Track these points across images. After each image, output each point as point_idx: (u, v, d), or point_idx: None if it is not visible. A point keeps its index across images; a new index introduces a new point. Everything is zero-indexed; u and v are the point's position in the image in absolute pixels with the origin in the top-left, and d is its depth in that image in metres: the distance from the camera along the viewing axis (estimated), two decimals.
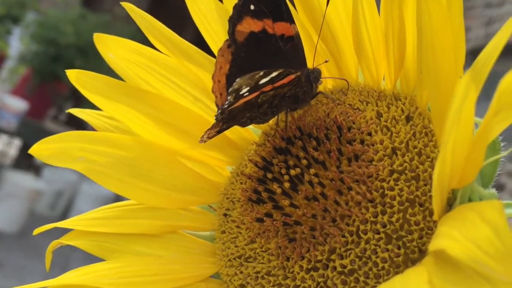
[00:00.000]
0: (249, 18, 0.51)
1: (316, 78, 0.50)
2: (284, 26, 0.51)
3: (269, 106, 0.50)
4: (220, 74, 0.52)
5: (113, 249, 0.51)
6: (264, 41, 0.52)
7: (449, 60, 0.39)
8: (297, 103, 0.51)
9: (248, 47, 0.52)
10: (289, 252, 0.46)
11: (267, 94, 0.47)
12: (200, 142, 0.51)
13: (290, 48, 0.51)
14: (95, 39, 0.55)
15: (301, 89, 0.49)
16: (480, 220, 0.31)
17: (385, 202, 0.43)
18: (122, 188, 0.52)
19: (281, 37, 0.51)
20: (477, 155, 0.36)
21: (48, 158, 0.51)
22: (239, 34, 0.52)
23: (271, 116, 0.52)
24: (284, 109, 0.52)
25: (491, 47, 0.35)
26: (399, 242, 0.42)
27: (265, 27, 0.51)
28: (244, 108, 0.48)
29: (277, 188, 0.48)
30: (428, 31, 0.38)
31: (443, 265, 0.33)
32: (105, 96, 0.53)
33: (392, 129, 0.46)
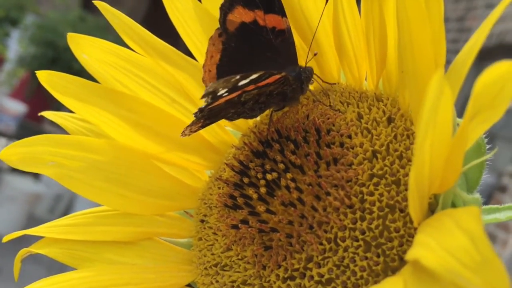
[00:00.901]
0: (240, 7, 0.50)
1: (307, 77, 0.48)
2: (275, 19, 0.49)
3: (255, 102, 0.48)
4: (210, 63, 0.51)
5: (84, 257, 0.49)
6: (255, 32, 0.50)
7: (428, 60, 0.37)
8: (286, 100, 0.49)
9: (239, 37, 0.50)
10: (265, 260, 0.44)
11: (251, 93, 0.45)
12: (181, 136, 0.49)
13: (281, 42, 0.49)
14: (69, 39, 0.53)
15: (289, 87, 0.48)
16: (457, 228, 0.29)
17: (364, 207, 0.41)
18: (95, 193, 0.50)
19: (272, 30, 0.49)
20: (456, 160, 0.34)
21: (18, 163, 0.49)
22: (230, 23, 0.50)
23: (259, 112, 0.50)
24: (272, 106, 0.50)
25: (468, 48, 0.34)
26: (378, 249, 0.40)
27: (257, 18, 0.50)
28: (226, 106, 0.46)
29: (253, 193, 0.46)
30: (406, 30, 0.36)
31: (420, 276, 0.31)
32: (78, 98, 0.51)
33: (373, 131, 0.44)
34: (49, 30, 5.97)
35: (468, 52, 0.34)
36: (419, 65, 0.37)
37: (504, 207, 0.45)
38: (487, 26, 0.33)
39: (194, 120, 0.47)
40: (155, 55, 0.53)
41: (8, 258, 3.31)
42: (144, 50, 0.53)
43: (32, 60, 6.03)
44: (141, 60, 0.54)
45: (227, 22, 0.50)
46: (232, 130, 0.55)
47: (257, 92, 0.46)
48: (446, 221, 0.31)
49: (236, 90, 0.44)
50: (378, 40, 0.44)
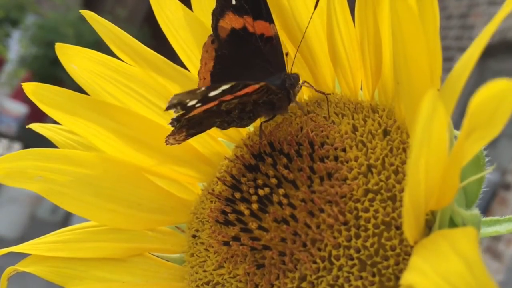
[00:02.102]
0: (231, 13, 0.49)
1: (292, 84, 0.46)
2: (263, 25, 0.48)
3: (241, 111, 0.47)
4: (205, 70, 0.50)
5: (73, 275, 0.48)
6: (245, 39, 0.49)
7: (423, 71, 0.35)
8: (274, 109, 0.48)
9: (231, 44, 0.49)
10: (257, 279, 0.42)
11: (231, 102, 0.44)
12: (166, 144, 0.48)
13: (270, 49, 0.48)
14: (57, 49, 0.52)
15: (275, 95, 0.46)
16: (452, 252, 0.28)
17: (359, 224, 0.40)
18: (84, 208, 0.49)
19: (260, 37, 0.48)
20: (453, 177, 0.33)
21: (4, 178, 0.48)
22: (222, 30, 0.49)
23: (249, 121, 0.49)
24: (262, 114, 0.48)
25: (464, 62, 0.32)
26: (374, 268, 0.38)
27: (246, 25, 0.49)
28: (207, 115, 0.45)
29: (245, 209, 0.45)
30: (399, 40, 0.35)
31: None
32: (66, 111, 0.50)
33: (368, 144, 0.42)
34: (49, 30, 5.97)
35: (464, 65, 0.32)
36: (414, 78, 0.36)
37: (504, 219, 0.44)
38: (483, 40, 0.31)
39: (175, 129, 0.46)
40: (145, 65, 0.52)
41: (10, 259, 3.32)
42: (134, 61, 0.52)
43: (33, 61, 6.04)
44: (131, 70, 0.52)
45: (219, 29, 0.49)
46: (226, 141, 0.54)
47: (239, 101, 0.45)
48: (442, 244, 0.30)
49: (209, 101, 0.43)
50: (373, 50, 0.43)
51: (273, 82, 0.46)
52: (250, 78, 0.48)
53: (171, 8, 0.53)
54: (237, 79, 0.48)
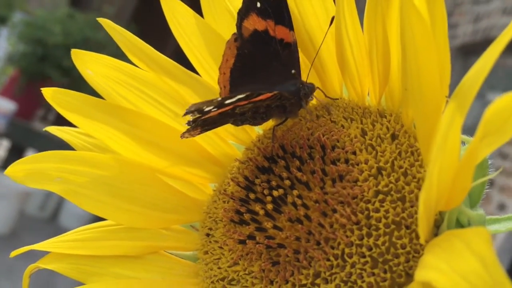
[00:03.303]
0: (255, 15, 0.51)
1: (306, 94, 0.48)
2: (284, 31, 0.50)
3: (255, 113, 0.49)
4: (226, 66, 0.52)
5: (92, 272, 0.50)
6: (265, 41, 0.51)
7: (434, 79, 0.37)
8: (285, 112, 0.50)
9: (252, 44, 0.51)
10: (272, 275, 0.44)
11: (245, 107, 0.46)
12: (181, 138, 0.49)
13: (288, 54, 0.50)
14: (73, 55, 0.53)
15: (288, 101, 0.48)
16: (468, 251, 0.30)
17: (370, 224, 0.42)
18: (101, 208, 0.51)
19: (280, 42, 0.50)
20: (465, 179, 0.35)
21: (24, 179, 0.49)
22: (245, 29, 0.51)
23: (261, 121, 0.51)
24: (274, 116, 0.51)
25: (475, 71, 0.34)
26: (385, 266, 0.40)
27: (268, 28, 0.50)
28: (222, 117, 0.47)
29: (260, 209, 0.47)
30: (411, 49, 0.37)
31: None
32: (83, 115, 0.52)
33: (377, 148, 0.44)
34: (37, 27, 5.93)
35: (475, 76, 0.34)
36: (425, 85, 0.38)
37: (504, 218, 0.46)
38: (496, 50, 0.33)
39: (191, 128, 0.48)
40: (158, 70, 0.54)
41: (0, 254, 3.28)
42: (147, 66, 0.54)
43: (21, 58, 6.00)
44: (145, 75, 0.54)
45: (242, 28, 0.51)
46: (235, 144, 0.56)
47: (252, 106, 0.47)
48: (456, 243, 0.32)
49: (223, 106, 0.45)
50: (381, 57, 0.45)
51: (288, 88, 0.48)
52: (267, 80, 0.51)
53: (184, 15, 0.55)
54: (253, 79, 0.50)
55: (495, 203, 3.86)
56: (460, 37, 4.68)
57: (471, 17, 4.73)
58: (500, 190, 3.87)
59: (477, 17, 4.63)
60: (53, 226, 5.27)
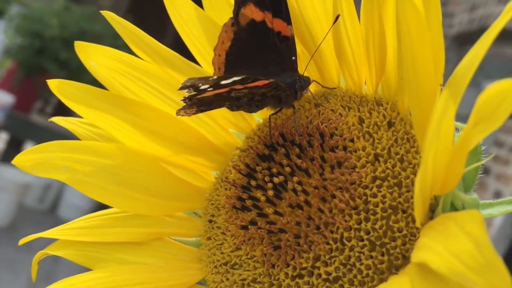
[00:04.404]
0: (252, 5, 0.52)
1: (301, 87, 0.50)
2: (282, 25, 0.51)
3: (250, 99, 0.50)
4: (221, 48, 0.53)
5: (98, 258, 0.51)
6: (263, 32, 0.52)
7: (428, 68, 0.39)
8: (280, 103, 0.51)
9: (249, 32, 0.52)
10: (274, 259, 0.46)
11: (241, 91, 0.48)
12: (176, 115, 0.50)
13: (285, 47, 0.51)
14: (76, 47, 0.54)
15: (283, 92, 0.50)
16: (462, 233, 0.32)
17: (368, 209, 0.43)
18: (107, 196, 0.52)
19: (277, 34, 0.51)
20: (458, 164, 0.36)
21: (31, 168, 0.51)
22: (242, 17, 0.52)
23: (256, 109, 0.52)
24: (268, 105, 0.52)
25: (468, 60, 0.36)
26: (382, 249, 0.42)
27: (265, 19, 0.52)
28: (217, 98, 0.49)
29: (261, 196, 0.48)
30: (407, 39, 0.38)
31: (426, 276, 0.33)
32: (88, 105, 0.53)
33: (374, 135, 0.46)
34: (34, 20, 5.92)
35: (468, 65, 0.36)
36: (420, 75, 0.39)
37: (497, 202, 0.47)
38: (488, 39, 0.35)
39: (186, 105, 0.49)
40: (161, 61, 0.55)
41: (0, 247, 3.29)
42: (150, 57, 0.55)
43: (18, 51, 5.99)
44: (147, 66, 0.56)
45: (240, 15, 0.52)
46: (236, 132, 0.57)
47: (248, 92, 0.48)
48: (451, 226, 0.33)
49: (220, 87, 0.46)
50: (377, 47, 0.46)
51: (284, 80, 0.49)
52: (262, 70, 0.52)
53: (184, 7, 0.56)
54: (250, 66, 0.52)
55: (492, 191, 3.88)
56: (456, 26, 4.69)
57: (467, 6, 4.74)
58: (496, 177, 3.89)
59: (473, 6, 4.64)
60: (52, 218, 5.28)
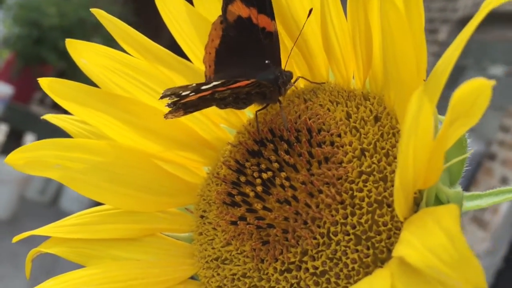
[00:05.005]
0: (239, 1, 0.52)
1: (284, 82, 0.50)
2: (266, 20, 0.51)
3: (236, 98, 0.51)
4: (211, 46, 0.54)
5: (91, 255, 0.52)
6: (249, 28, 0.52)
7: (410, 65, 0.39)
8: (265, 99, 0.52)
9: (236, 29, 0.53)
10: (263, 254, 0.47)
11: (224, 92, 0.48)
12: (165, 118, 0.51)
13: (269, 43, 0.52)
14: (67, 44, 0.55)
15: (267, 89, 0.50)
16: (437, 227, 0.32)
17: (354, 203, 0.44)
18: (99, 193, 0.53)
19: (262, 30, 0.52)
20: (437, 161, 0.37)
21: (24, 167, 0.51)
22: (229, 14, 0.53)
23: (244, 106, 0.53)
24: (255, 102, 0.53)
25: (447, 56, 0.36)
26: (368, 242, 0.43)
27: (251, 16, 0.52)
28: (201, 101, 0.50)
29: (250, 191, 0.49)
30: (388, 38, 0.39)
31: (406, 269, 0.34)
32: (79, 103, 0.54)
33: (361, 130, 0.46)
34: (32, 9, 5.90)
35: (446, 62, 0.36)
36: (402, 71, 0.40)
37: (485, 194, 0.48)
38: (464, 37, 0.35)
39: (172, 110, 0.50)
40: (151, 58, 0.56)
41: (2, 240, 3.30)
42: (140, 54, 0.56)
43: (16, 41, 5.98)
44: (138, 63, 0.56)
45: (228, 12, 0.53)
46: (227, 128, 0.58)
47: (232, 92, 0.49)
48: (428, 220, 0.34)
49: (202, 92, 0.47)
50: (364, 43, 0.47)
51: (267, 76, 0.50)
52: (250, 65, 0.53)
53: (174, 4, 0.56)
54: (238, 63, 0.53)
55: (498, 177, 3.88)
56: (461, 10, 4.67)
57: None
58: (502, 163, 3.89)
59: None
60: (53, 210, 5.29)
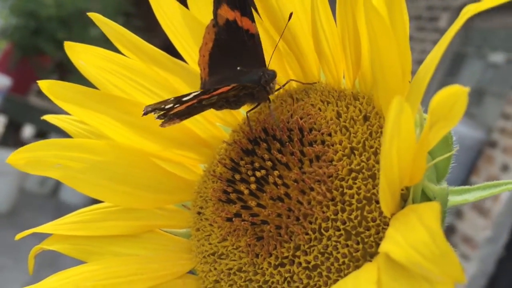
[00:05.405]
0: (225, 5, 0.54)
1: (266, 81, 0.52)
2: (248, 23, 0.53)
3: (226, 101, 0.53)
4: (205, 49, 0.56)
5: (92, 251, 0.54)
6: (236, 31, 0.54)
7: (395, 68, 0.41)
8: (255, 99, 0.54)
9: (226, 31, 0.55)
10: (258, 249, 0.49)
11: (210, 99, 0.50)
12: (161, 127, 0.52)
13: (252, 44, 0.54)
14: (66, 47, 0.57)
15: (252, 89, 0.52)
16: (420, 224, 0.34)
17: (344, 200, 0.46)
18: (99, 192, 0.55)
19: (246, 32, 0.54)
20: (421, 160, 0.39)
21: (25, 166, 0.53)
22: (219, 17, 0.55)
23: (237, 106, 0.55)
24: (246, 102, 0.55)
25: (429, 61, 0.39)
26: (358, 237, 0.45)
27: (236, 19, 0.54)
28: (191, 109, 0.51)
29: (245, 189, 0.51)
30: (374, 44, 0.41)
31: (392, 264, 0.36)
32: (78, 104, 0.55)
33: (351, 129, 0.48)
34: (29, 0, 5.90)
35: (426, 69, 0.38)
36: (388, 75, 0.42)
37: (473, 188, 0.50)
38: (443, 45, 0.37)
39: (166, 120, 0.51)
40: (147, 60, 0.58)
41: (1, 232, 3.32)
42: (137, 56, 0.57)
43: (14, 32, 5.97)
44: (135, 64, 0.58)
45: (218, 16, 0.55)
46: (223, 126, 0.59)
47: (218, 97, 0.51)
48: (411, 217, 0.36)
49: (185, 103, 0.49)
50: (353, 46, 0.48)
51: (252, 77, 0.52)
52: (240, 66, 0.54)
53: (169, 6, 0.58)
54: (230, 65, 0.55)
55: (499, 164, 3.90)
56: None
57: None
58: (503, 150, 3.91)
59: None
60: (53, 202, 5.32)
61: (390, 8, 0.40)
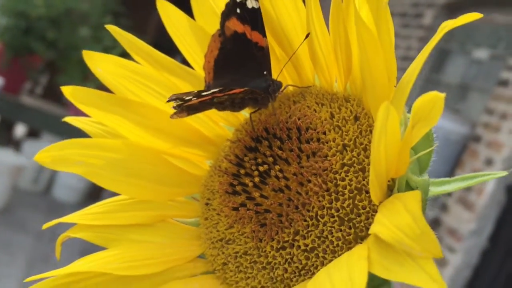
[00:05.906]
0: (235, 19, 0.60)
1: (274, 90, 0.58)
2: (258, 37, 0.59)
3: (232, 102, 0.59)
4: (210, 55, 0.61)
5: (112, 238, 0.60)
6: (244, 42, 0.60)
7: (382, 76, 0.47)
8: (257, 104, 0.60)
9: (233, 42, 0.60)
10: (261, 235, 0.55)
11: (221, 98, 0.56)
12: (171, 118, 0.58)
13: (261, 56, 0.59)
14: (84, 55, 0.62)
15: (259, 95, 0.58)
16: (404, 209, 0.41)
17: (338, 191, 0.52)
18: (117, 186, 0.61)
19: (255, 45, 0.59)
20: (405, 155, 0.45)
21: (51, 164, 0.59)
22: (227, 29, 0.60)
23: (239, 109, 0.60)
24: (249, 106, 0.60)
25: (412, 69, 0.45)
26: (350, 223, 0.51)
27: (246, 32, 0.60)
28: (201, 104, 0.57)
29: (249, 182, 0.57)
30: (363, 54, 0.47)
31: (381, 243, 0.42)
32: (97, 107, 0.61)
33: (343, 128, 0.54)
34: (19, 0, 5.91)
35: (409, 75, 0.45)
36: (375, 80, 0.48)
37: (453, 179, 0.56)
38: (423, 56, 0.44)
39: (177, 111, 0.57)
40: (159, 67, 0.64)
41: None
42: (150, 64, 0.63)
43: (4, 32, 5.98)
44: (147, 71, 0.64)
45: (225, 28, 0.60)
46: (226, 126, 0.66)
47: (228, 97, 0.57)
48: (397, 204, 0.42)
49: (201, 97, 0.55)
50: (344, 53, 0.54)
51: (259, 84, 0.58)
52: (245, 74, 0.60)
53: (177, 18, 0.64)
54: (234, 71, 0.61)
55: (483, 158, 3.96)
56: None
57: None
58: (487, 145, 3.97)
59: None
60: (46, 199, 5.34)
61: (377, 21, 0.46)
